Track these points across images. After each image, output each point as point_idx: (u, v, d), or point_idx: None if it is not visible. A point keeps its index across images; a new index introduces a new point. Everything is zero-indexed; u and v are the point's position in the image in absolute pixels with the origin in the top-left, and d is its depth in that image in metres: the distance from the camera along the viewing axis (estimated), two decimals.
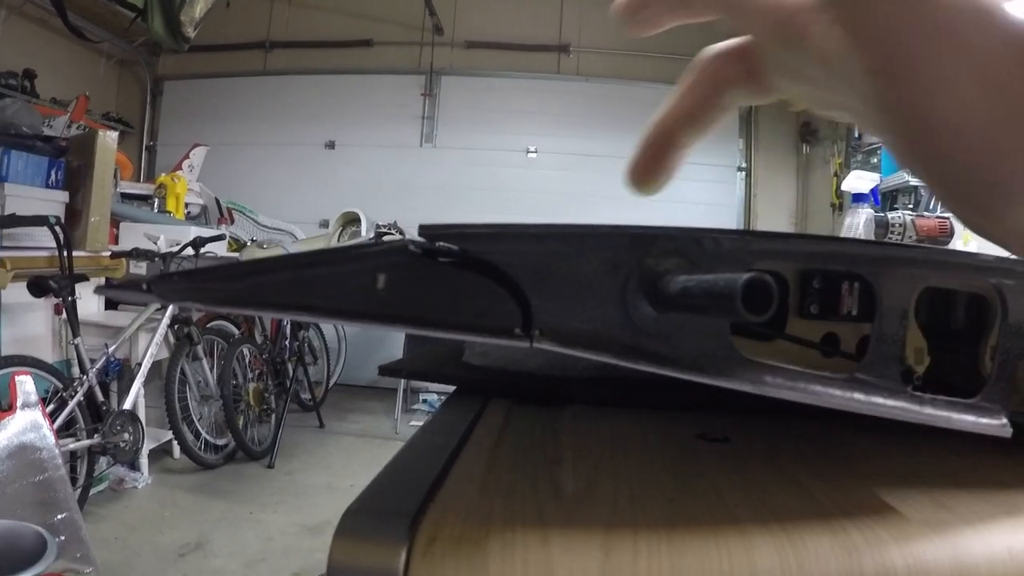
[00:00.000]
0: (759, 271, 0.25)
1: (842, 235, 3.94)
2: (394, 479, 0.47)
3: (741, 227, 7.03)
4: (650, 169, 0.40)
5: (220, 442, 4.27)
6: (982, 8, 0.25)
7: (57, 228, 3.25)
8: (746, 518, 0.42)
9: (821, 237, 0.45)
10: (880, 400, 0.40)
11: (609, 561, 0.37)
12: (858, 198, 4.55)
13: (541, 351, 0.33)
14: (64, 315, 3.33)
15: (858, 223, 3.95)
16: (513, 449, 0.57)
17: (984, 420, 0.43)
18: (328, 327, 5.93)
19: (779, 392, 0.37)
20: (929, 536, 0.40)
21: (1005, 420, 0.44)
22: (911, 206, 4.64)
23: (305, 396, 5.54)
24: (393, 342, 5.63)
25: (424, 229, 0.31)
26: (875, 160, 5.15)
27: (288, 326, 5.09)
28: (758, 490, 0.47)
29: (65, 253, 3.31)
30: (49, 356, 3.56)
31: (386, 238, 5.37)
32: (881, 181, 4.88)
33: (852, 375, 0.39)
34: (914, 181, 4.59)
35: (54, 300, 3.40)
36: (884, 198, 4.91)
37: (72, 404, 3.10)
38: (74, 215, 3.72)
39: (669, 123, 0.39)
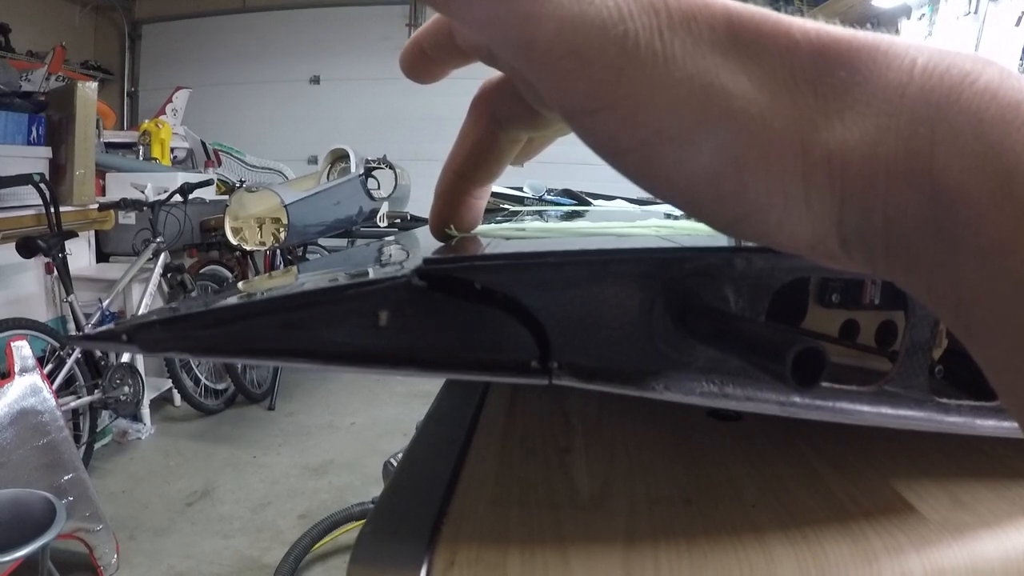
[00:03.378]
0: (809, 337, 0.23)
1: None
2: (407, 488, 0.46)
3: None
4: (452, 218, 0.39)
5: (220, 387, 4.29)
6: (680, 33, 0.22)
7: (42, 185, 3.21)
8: (765, 521, 0.41)
9: None
10: (907, 412, 0.39)
11: None
12: None
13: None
14: (56, 273, 3.30)
15: None
16: (522, 437, 0.56)
17: (1007, 424, 0.42)
18: None
19: (809, 413, 0.35)
20: (947, 541, 0.39)
21: None
22: None
23: None
24: None
25: (428, 263, 0.29)
26: None
27: (282, 265, 5.06)
28: (774, 483, 0.46)
29: (52, 210, 3.27)
30: (44, 315, 3.55)
31: (375, 172, 5.33)
32: None
33: (881, 387, 0.38)
34: None
35: (44, 259, 3.37)
36: None
37: (70, 362, 3.11)
38: (59, 170, 3.67)
39: (457, 167, 0.38)
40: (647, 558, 0.38)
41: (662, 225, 0.55)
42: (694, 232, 0.49)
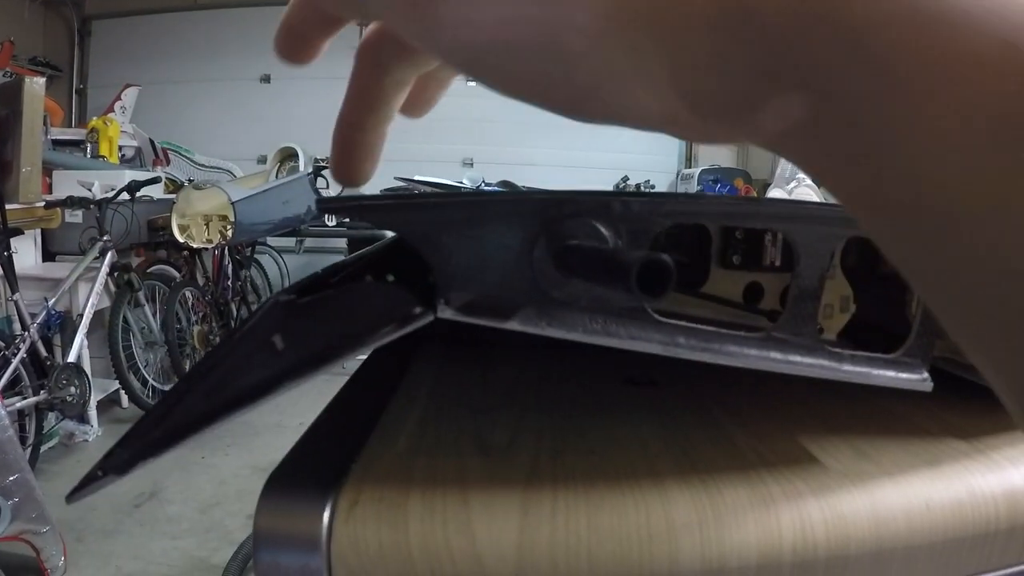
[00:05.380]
0: (655, 254, 0.24)
1: (779, 169, 3.95)
2: (318, 441, 0.47)
3: (682, 163, 7.05)
4: (350, 164, 0.39)
5: (168, 388, 4.23)
6: None
7: None
8: (666, 470, 0.42)
9: (733, 199, 0.45)
10: (797, 358, 0.40)
11: (527, 519, 0.38)
12: None
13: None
14: (1, 271, 3.25)
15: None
16: (440, 401, 0.57)
17: (904, 375, 0.43)
18: (272, 266, 5.89)
19: (693, 354, 0.37)
20: (848, 488, 0.40)
21: (926, 375, 0.45)
22: None
23: None
24: None
25: (322, 203, 0.31)
26: None
27: (230, 266, 5.02)
28: (681, 439, 0.47)
29: None
30: None
31: (324, 171, 5.30)
32: None
33: (769, 333, 0.39)
34: None
35: None
36: None
37: (15, 362, 3.05)
38: (4, 167, 3.60)
39: (349, 115, 0.38)
40: (546, 499, 0.39)
41: None
42: None
